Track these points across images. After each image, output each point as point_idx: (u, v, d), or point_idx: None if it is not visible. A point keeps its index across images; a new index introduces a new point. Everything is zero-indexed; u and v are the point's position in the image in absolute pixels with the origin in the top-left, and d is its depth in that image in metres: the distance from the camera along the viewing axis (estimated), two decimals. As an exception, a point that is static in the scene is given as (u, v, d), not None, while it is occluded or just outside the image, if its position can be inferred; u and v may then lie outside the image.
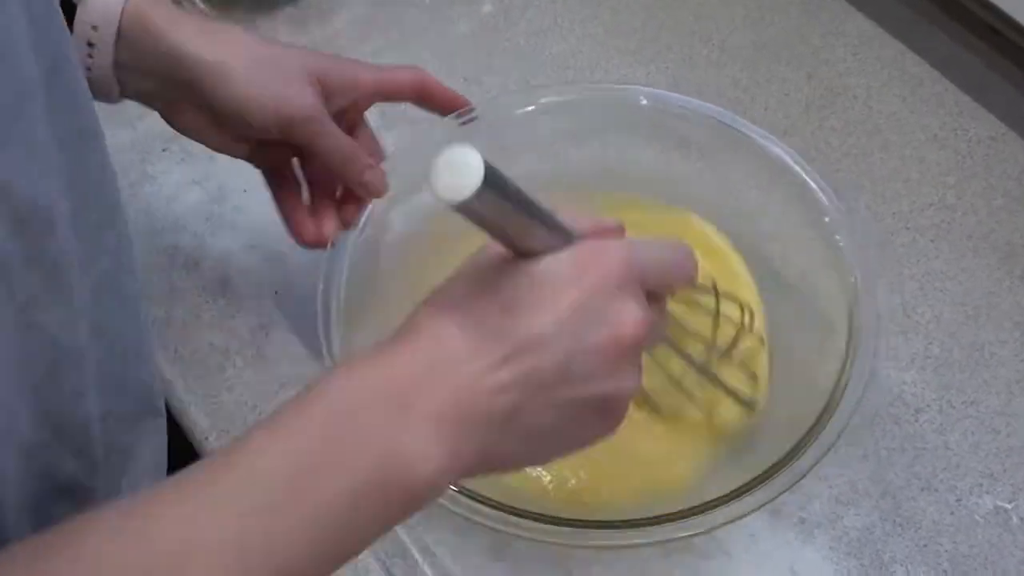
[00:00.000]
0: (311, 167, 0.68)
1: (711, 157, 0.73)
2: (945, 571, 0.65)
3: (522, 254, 0.46)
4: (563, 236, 0.46)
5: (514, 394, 0.43)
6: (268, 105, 0.61)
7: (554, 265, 0.45)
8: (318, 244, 0.67)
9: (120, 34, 0.60)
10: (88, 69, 0.61)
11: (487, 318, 0.44)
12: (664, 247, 0.51)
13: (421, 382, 0.43)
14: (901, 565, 0.66)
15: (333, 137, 0.64)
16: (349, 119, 0.68)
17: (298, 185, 0.69)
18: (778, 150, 0.70)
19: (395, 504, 0.42)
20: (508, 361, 0.43)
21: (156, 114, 0.86)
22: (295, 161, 0.68)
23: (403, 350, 0.44)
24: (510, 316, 0.44)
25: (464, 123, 0.70)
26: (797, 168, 0.70)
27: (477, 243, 0.47)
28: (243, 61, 0.61)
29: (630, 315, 0.46)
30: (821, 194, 0.68)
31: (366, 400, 0.42)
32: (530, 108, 0.73)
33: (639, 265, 0.47)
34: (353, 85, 0.65)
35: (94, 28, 0.60)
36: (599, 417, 0.47)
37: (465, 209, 0.41)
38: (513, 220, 0.44)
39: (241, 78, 0.61)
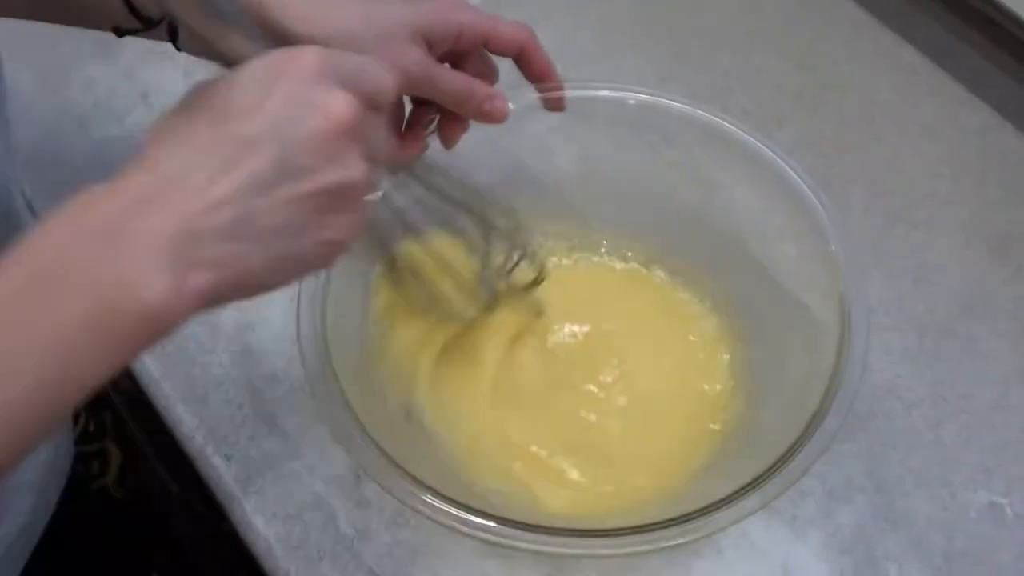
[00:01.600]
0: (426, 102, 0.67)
1: (696, 157, 0.71)
2: (939, 567, 0.65)
3: (226, 63, 0.47)
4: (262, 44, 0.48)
5: (236, 203, 0.43)
6: None
7: (252, 69, 0.46)
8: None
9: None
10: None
11: (197, 134, 0.44)
12: (358, 55, 0.50)
13: (132, 212, 0.41)
14: (895, 562, 0.65)
15: (445, 81, 0.63)
16: (457, 53, 0.66)
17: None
18: (767, 149, 0.69)
19: (125, 337, 0.41)
20: (224, 170, 0.43)
21: (143, 108, 0.86)
22: None
23: (112, 188, 0.42)
24: (218, 125, 0.44)
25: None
26: (787, 167, 0.68)
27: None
28: (349, 30, 0.60)
29: (337, 99, 0.45)
30: (811, 194, 0.67)
31: (75, 239, 0.41)
32: (512, 107, 0.71)
33: (333, 61, 0.47)
34: (456, 35, 0.64)
35: None
36: (334, 211, 0.46)
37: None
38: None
39: (350, 47, 0.60)
